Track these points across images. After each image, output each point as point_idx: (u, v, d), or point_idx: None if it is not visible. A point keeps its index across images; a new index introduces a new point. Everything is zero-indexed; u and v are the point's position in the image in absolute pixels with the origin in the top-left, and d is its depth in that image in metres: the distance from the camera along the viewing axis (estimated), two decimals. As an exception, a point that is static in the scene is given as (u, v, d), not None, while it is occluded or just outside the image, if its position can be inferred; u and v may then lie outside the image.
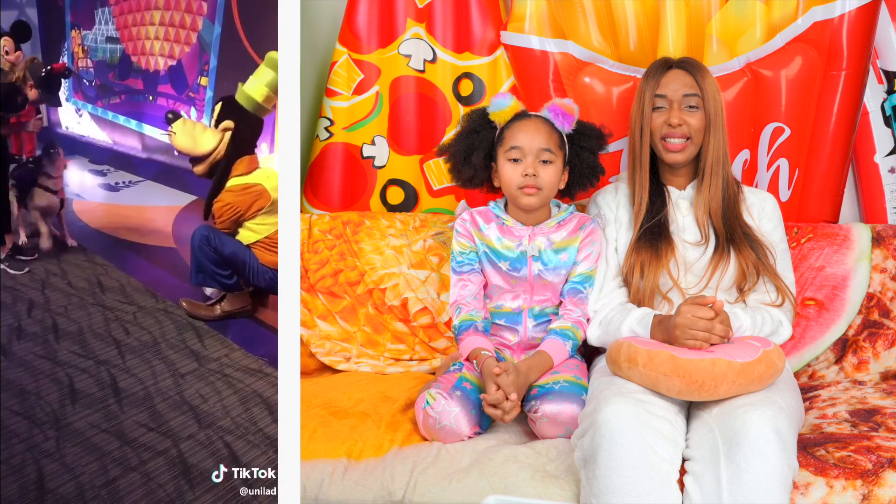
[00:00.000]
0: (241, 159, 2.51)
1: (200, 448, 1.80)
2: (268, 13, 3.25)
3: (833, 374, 1.65)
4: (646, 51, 1.90)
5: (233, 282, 2.50)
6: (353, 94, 2.09)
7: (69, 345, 2.33)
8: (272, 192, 2.47)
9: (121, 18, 3.86)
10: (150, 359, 2.26)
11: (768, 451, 1.09)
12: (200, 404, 2.00)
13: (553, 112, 1.54)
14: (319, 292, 1.91)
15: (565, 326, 1.52)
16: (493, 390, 1.35)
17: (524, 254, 1.54)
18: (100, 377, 2.13)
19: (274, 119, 3.28)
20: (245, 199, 2.45)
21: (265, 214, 2.48)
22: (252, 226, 2.50)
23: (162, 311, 2.60)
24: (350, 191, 2.14)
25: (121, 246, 3.18)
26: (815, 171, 1.87)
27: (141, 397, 2.03)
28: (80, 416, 1.93)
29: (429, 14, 2.05)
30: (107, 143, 2.92)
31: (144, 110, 3.77)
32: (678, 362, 1.22)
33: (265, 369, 2.21)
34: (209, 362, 2.25)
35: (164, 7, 3.64)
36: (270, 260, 2.50)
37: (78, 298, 2.67)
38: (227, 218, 2.47)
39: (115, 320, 2.52)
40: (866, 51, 1.80)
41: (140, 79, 3.78)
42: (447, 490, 1.26)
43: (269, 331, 2.53)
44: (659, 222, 1.52)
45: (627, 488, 1.12)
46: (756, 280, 1.49)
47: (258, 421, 1.93)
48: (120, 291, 2.76)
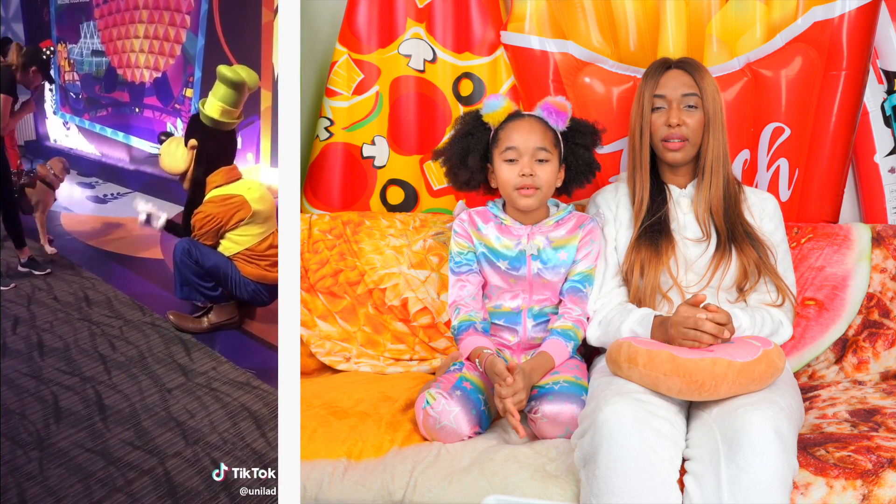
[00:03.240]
0: (217, 171, 2.53)
1: (187, 465, 1.77)
2: (250, 24, 3.30)
3: (833, 374, 1.65)
4: (646, 51, 1.90)
5: (218, 293, 2.52)
6: (353, 94, 2.09)
7: (54, 361, 2.30)
8: (253, 204, 2.48)
9: (106, 32, 3.91)
10: (137, 374, 2.22)
11: (768, 451, 1.09)
12: (187, 420, 1.97)
13: (546, 111, 1.54)
14: (319, 292, 1.91)
15: (566, 326, 1.52)
16: (510, 381, 1.34)
17: (523, 253, 1.54)
18: (85, 394, 2.09)
19: (258, 130, 3.31)
20: (225, 211, 2.46)
21: (246, 225, 2.49)
22: (233, 237, 2.51)
23: (149, 324, 2.58)
24: (350, 191, 2.14)
25: (108, 258, 3.17)
26: (815, 171, 1.87)
27: (127, 414, 2.00)
28: (64, 435, 1.89)
29: (429, 14, 2.05)
30: (94, 156, 2.95)
31: (131, 122, 3.81)
32: (678, 362, 1.22)
33: (253, 382, 2.19)
34: (196, 376, 2.22)
35: (148, 20, 3.70)
36: (252, 272, 2.51)
37: (64, 314, 2.64)
38: (207, 229, 2.47)
39: (102, 335, 2.48)
40: (866, 51, 1.80)
41: (126, 91, 3.83)
42: (447, 490, 1.26)
43: (256, 342, 2.51)
44: (660, 220, 1.52)
45: (627, 488, 1.12)
46: (757, 279, 1.49)
47: (246, 436, 1.90)
48: (106, 305, 2.73)
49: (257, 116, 3.44)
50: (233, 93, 2.46)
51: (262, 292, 2.56)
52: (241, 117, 2.58)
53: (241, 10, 3.37)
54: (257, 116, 3.44)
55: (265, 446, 1.85)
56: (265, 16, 3.33)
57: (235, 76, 2.46)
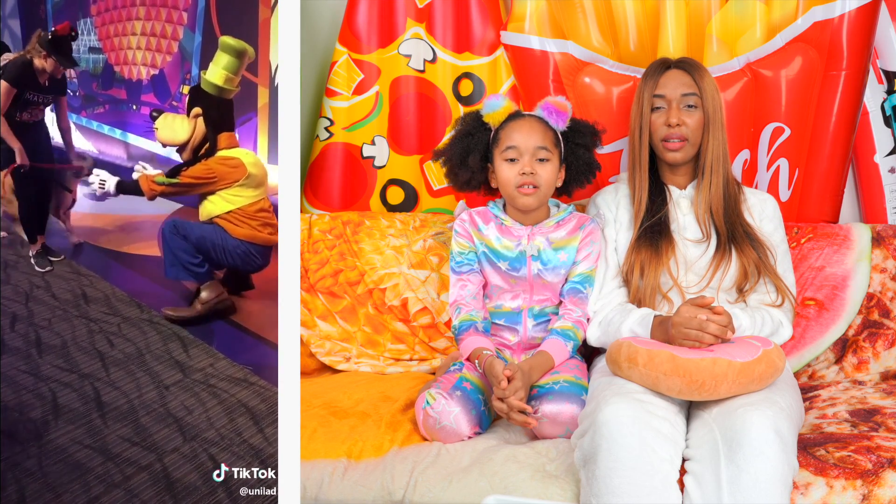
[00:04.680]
0: (220, 136, 2.65)
1: (185, 461, 1.76)
2: (246, 21, 3.36)
3: (833, 374, 1.65)
4: (646, 51, 1.90)
5: (204, 270, 2.58)
6: (353, 94, 2.09)
7: (52, 358, 2.29)
8: (249, 168, 2.59)
9: (103, 29, 3.91)
10: (135, 371, 2.22)
11: (768, 451, 1.09)
12: (185, 416, 1.97)
13: (547, 110, 1.54)
14: (319, 292, 1.91)
15: (566, 327, 1.52)
16: (504, 385, 1.34)
17: (523, 253, 1.54)
18: (83, 391, 2.09)
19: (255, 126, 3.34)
20: (224, 169, 2.57)
21: (240, 187, 2.58)
22: (227, 195, 2.59)
23: (147, 321, 2.58)
24: (350, 191, 2.14)
25: (106, 255, 3.17)
26: (815, 171, 1.87)
27: (125, 411, 1.99)
28: (62, 431, 1.89)
29: (429, 14, 2.05)
30: (92, 153, 2.96)
31: (128, 119, 3.83)
32: (678, 362, 1.22)
33: (250, 378, 2.18)
34: (194, 372, 2.22)
35: (145, 17, 3.71)
36: (243, 233, 2.58)
37: (62, 311, 2.63)
38: (204, 180, 2.56)
39: (100, 332, 2.48)
40: (866, 51, 1.80)
41: (123, 88, 3.85)
42: (447, 490, 1.26)
43: (253, 338, 2.51)
44: (659, 221, 1.52)
45: (627, 488, 1.12)
46: (757, 280, 1.49)
47: (243, 432, 1.90)
48: (104, 302, 2.72)
49: (254, 113, 3.45)
50: (235, 61, 2.62)
51: (254, 254, 2.62)
52: (239, 87, 2.71)
53: (238, 7, 3.40)
54: (254, 113, 3.45)
55: (262, 442, 1.85)
56: (262, 13, 3.36)
57: (239, 45, 2.62)
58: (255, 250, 2.60)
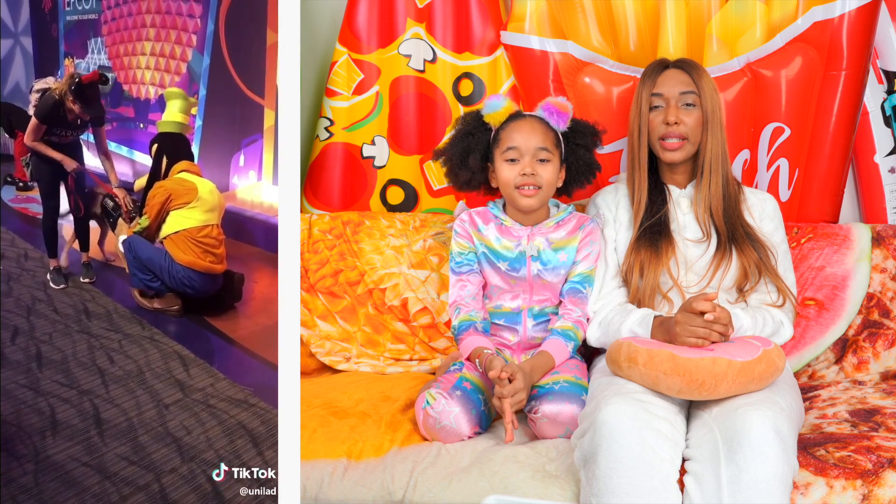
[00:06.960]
0: (182, 162, 2.92)
1: (183, 482, 1.74)
2: (255, 45, 3.50)
3: (833, 374, 1.65)
4: (646, 51, 1.90)
5: (157, 285, 2.76)
6: (353, 94, 2.09)
7: (52, 373, 2.27)
8: (202, 192, 2.78)
9: (113, 48, 3.97)
10: (135, 388, 2.20)
11: (768, 451, 1.09)
12: (184, 436, 1.94)
13: (547, 111, 1.54)
14: (319, 292, 1.91)
15: (567, 327, 1.52)
16: (503, 377, 1.34)
17: (523, 254, 1.54)
18: (82, 408, 2.07)
19: (261, 147, 3.42)
20: (177, 189, 2.76)
21: (191, 209, 2.75)
22: (177, 216, 2.76)
23: (148, 339, 2.57)
24: (350, 191, 2.14)
25: (109, 271, 3.17)
26: (815, 171, 1.87)
27: (124, 429, 1.97)
28: (60, 448, 1.86)
29: (429, 14, 2.05)
30: (99, 170, 3.02)
31: (135, 137, 3.90)
32: (678, 361, 1.22)
33: (251, 400, 2.16)
34: (194, 392, 2.20)
35: (155, 38, 3.78)
36: (185, 259, 2.71)
37: (63, 325, 2.62)
38: (158, 200, 2.75)
39: (100, 348, 2.47)
40: (866, 51, 1.80)
41: (131, 106, 3.91)
42: (447, 490, 1.26)
43: (256, 360, 2.51)
44: (659, 221, 1.52)
45: (627, 488, 1.12)
46: (757, 280, 1.49)
47: (242, 454, 1.88)
48: (106, 318, 2.72)
49: (260, 135, 3.50)
50: (184, 102, 3.09)
51: (193, 278, 2.73)
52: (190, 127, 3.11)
53: (247, 32, 3.49)
54: (260, 135, 3.50)
55: (262, 465, 1.83)
56: (270, 37, 3.45)
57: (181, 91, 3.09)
58: (194, 275, 2.73)
